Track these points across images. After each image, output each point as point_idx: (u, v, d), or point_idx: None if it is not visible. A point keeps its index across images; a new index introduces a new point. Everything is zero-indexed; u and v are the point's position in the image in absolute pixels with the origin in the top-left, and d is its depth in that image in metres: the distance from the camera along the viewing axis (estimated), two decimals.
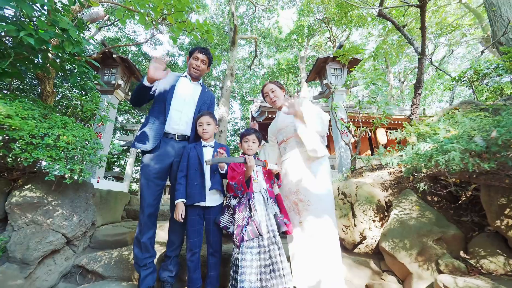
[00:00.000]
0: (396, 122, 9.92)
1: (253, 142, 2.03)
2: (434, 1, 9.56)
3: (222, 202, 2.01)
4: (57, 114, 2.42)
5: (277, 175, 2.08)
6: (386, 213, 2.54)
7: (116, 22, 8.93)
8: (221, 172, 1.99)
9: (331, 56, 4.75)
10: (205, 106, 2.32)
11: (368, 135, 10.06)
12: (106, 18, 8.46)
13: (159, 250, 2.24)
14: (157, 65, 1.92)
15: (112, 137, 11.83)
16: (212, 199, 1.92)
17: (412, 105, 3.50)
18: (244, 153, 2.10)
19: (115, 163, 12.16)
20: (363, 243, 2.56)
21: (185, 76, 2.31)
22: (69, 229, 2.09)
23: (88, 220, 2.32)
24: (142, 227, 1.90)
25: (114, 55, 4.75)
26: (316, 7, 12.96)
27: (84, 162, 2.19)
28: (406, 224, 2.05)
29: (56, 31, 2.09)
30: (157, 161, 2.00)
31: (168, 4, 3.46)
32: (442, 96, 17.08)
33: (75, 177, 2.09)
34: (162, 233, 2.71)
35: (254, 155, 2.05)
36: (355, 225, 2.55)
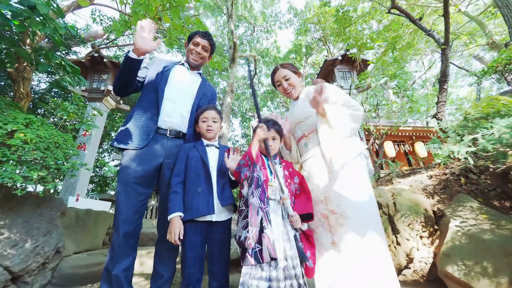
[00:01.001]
0: (403, 134, 9.55)
1: (273, 139, 1.56)
2: (428, 17, 9.70)
3: (231, 218, 1.50)
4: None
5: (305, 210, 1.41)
6: (435, 226, 1.99)
7: (115, 41, 8.90)
8: (232, 179, 1.51)
9: (339, 58, 4.48)
10: (205, 100, 1.91)
11: (376, 148, 9.61)
12: (105, 37, 8.44)
13: (143, 286, 1.65)
14: (144, 34, 1.51)
15: (107, 157, 11.31)
16: (222, 211, 1.41)
17: (437, 103, 3.10)
18: (262, 154, 1.62)
19: (109, 186, 11.50)
20: (410, 268, 1.98)
21: (182, 64, 1.92)
22: (17, 260, 1.52)
23: (50, 247, 1.75)
24: (115, 253, 1.35)
25: (104, 60, 4.43)
26: (313, 26, 13.27)
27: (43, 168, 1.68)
28: (479, 239, 1.50)
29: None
30: (140, 162, 1.52)
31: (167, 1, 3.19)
32: None
33: (31, 188, 1.57)
34: (149, 261, 2.12)
35: (275, 156, 1.58)
36: (398, 244, 1.99)
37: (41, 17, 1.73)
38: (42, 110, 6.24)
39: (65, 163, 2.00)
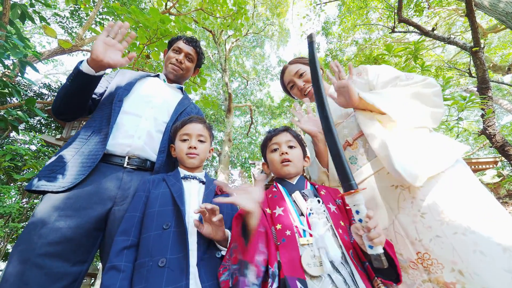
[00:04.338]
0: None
1: (290, 147, 0.95)
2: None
3: None
4: None
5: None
6: None
7: None
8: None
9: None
10: None
11: None
12: None
13: None
14: (108, 40, 1.01)
15: None
16: None
17: (483, 115, 2.57)
18: (273, 181, 1.00)
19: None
20: None
21: (157, 75, 1.43)
22: None
23: None
24: None
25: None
26: None
27: None
28: None
29: None
30: (66, 212, 0.84)
31: (153, 36, 2.98)
32: None
33: None
34: None
35: (301, 178, 0.95)
36: None
37: None
38: None
39: None
